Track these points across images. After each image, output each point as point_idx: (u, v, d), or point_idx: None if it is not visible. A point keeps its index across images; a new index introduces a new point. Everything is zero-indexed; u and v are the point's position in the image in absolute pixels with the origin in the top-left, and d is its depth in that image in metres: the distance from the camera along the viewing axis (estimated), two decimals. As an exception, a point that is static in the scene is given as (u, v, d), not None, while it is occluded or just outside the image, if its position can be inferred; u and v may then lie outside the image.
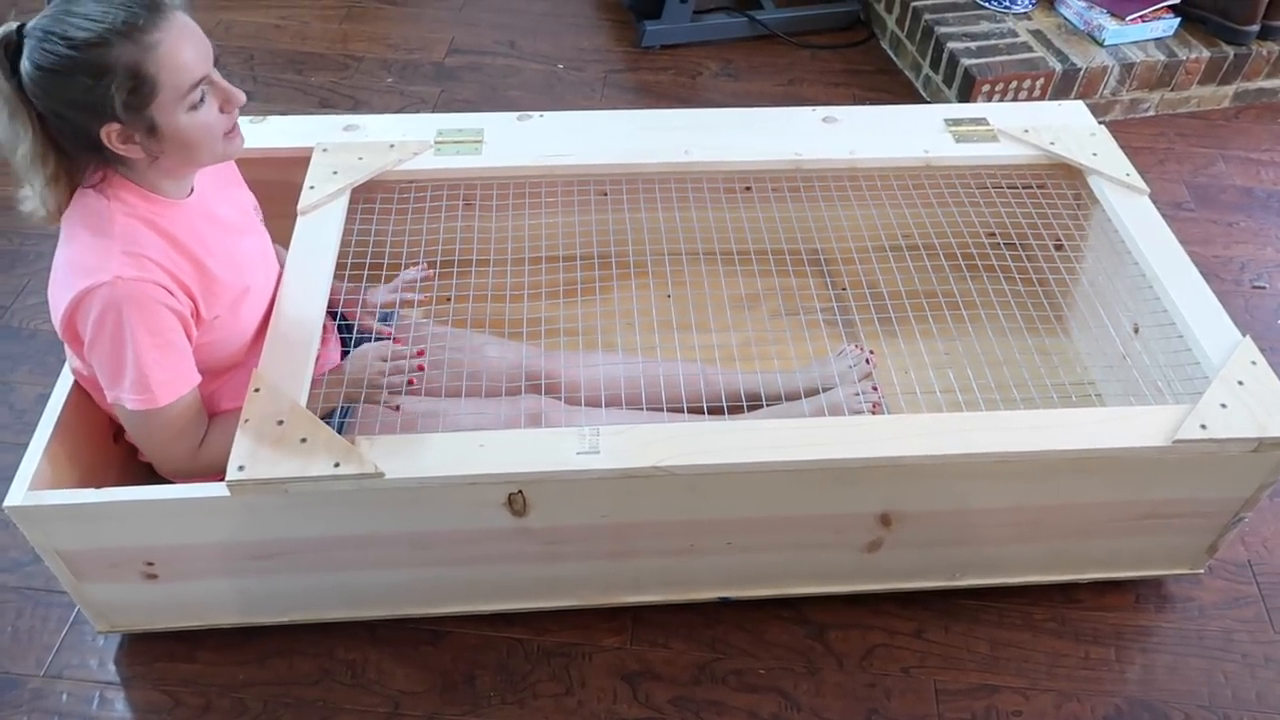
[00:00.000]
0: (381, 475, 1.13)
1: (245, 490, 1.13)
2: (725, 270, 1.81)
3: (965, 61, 2.37)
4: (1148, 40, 2.45)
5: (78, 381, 1.27)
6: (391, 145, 1.57)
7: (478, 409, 1.40)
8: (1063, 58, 2.38)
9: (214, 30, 2.55)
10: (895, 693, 1.38)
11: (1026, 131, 1.66)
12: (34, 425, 1.24)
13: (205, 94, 1.10)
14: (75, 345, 1.17)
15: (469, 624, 1.42)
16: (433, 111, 2.40)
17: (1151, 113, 2.52)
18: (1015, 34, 2.46)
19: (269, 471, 1.12)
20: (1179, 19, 2.47)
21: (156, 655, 1.37)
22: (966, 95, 2.37)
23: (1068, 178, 1.65)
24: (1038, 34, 2.46)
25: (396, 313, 1.53)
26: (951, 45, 2.42)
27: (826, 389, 1.57)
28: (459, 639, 1.41)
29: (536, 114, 1.68)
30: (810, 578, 1.42)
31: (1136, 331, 1.52)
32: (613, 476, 1.18)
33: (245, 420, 1.16)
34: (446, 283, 1.63)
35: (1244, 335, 1.33)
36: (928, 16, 2.51)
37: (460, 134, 1.61)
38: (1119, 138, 1.69)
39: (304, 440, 1.14)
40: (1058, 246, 1.67)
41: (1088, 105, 1.76)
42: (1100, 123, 1.70)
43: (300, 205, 1.45)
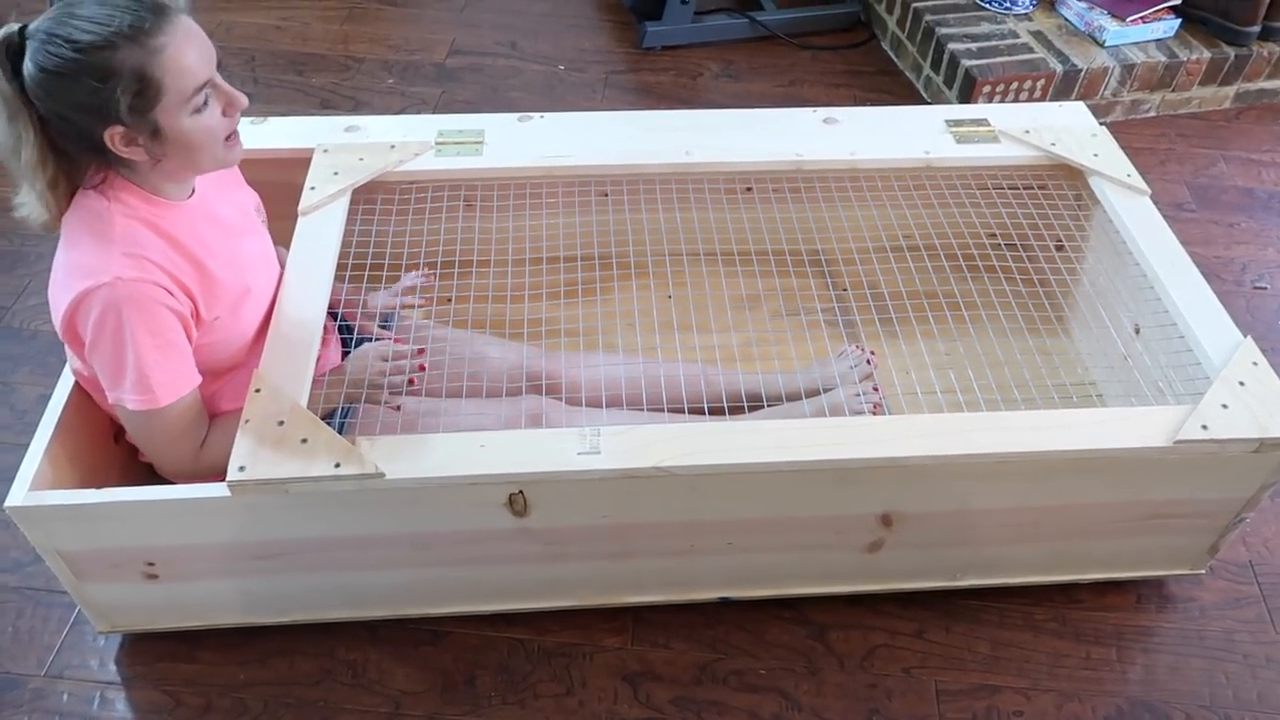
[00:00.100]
0: (382, 475, 1.13)
1: (246, 490, 1.13)
2: (726, 271, 1.81)
3: (966, 62, 2.37)
4: (1148, 41, 2.45)
5: (78, 382, 1.27)
6: (392, 146, 1.57)
7: (478, 409, 1.40)
8: (1063, 59, 2.38)
9: (215, 31, 2.55)
10: (896, 693, 1.38)
11: (1027, 132, 1.66)
12: (35, 426, 1.24)
13: (209, 97, 1.11)
14: (76, 346, 1.17)
15: (469, 624, 1.42)
16: (433, 112, 2.40)
17: (1152, 113, 2.52)
18: (1016, 35, 2.46)
19: (270, 472, 1.12)
20: (1180, 20, 2.47)
21: (157, 655, 1.37)
22: (967, 96, 2.37)
23: (1069, 178, 1.65)
24: (1038, 35, 2.46)
25: (397, 315, 1.53)
26: (952, 46, 2.42)
27: (827, 389, 1.57)
28: (460, 639, 1.41)
29: (537, 115, 1.68)
30: (811, 578, 1.42)
31: (1137, 332, 1.52)
32: (613, 477, 1.18)
33: (246, 421, 1.16)
34: (447, 283, 1.63)
35: (1245, 336, 1.33)
36: (928, 17, 2.51)
37: (461, 135, 1.61)
38: (1120, 139, 1.69)
39: (305, 441, 1.14)
40: (1059, 247, 1.67)
41: (1089, 106, 1.76)
42: (1101, 124, 1.70)
43: (301, 206, 1.45)
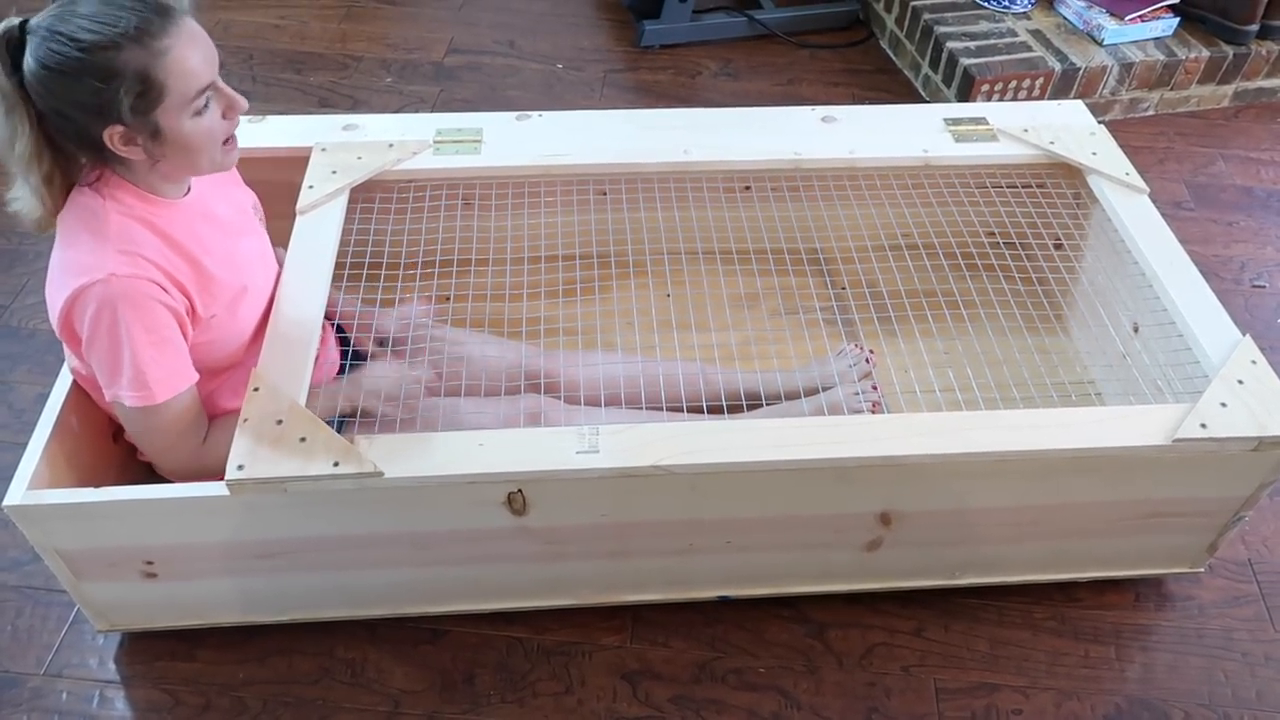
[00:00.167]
0: (381, 474, 1.13)
1: (244, 489, 1.13)
2: (725, 270, 1.81)
3: (965, 61, 2.37)
4: (1147, 40, 2.45)
5: (77, 381, 1.27)
6: (390, 145, 1.57)
7: (477, 408, 1.40)
8: (1062, 57, 2.38)
9: (213, 30, 2.54)
10: (895, 691, 1.38)
11: (1026, 131, 1.66)
12: (33, 425, 1.24)
13: (210, 100, 1.11)
14: (73, 345, 1.17)
15: (468, 623, 1.42)
16: (432, 111, 2.40)
17: (1151, 112, 2.52)
18: (1014, 34, 2.46)
19: (268, 471, 1.12)
20: (1178, 18, 2.47)
21: (156, 654, 1.37)
22: (966, 95, 2.37)
23: (1067, 177, 1.65)
24: (1037, 34, 2.46)
25: (396, 311, 1.53)
26: (951, 45, 2.42)
27: (826, 388, 1.57)
28: (458, 638, 1.41)
29: (536, 114, 1.68)
30: (810, 577, 1.42)
31: (1136, 331, 1.52)
32: (612, 476, 1.18)
33: (244, 420, 1.16)
34: (446, 282, 1.63)
35: (1244, 334, 1.33)
36: (927, 16, 2.51)
37: (459, 134, 1.61)
38: (1118, 137, 1.69)
39: (303, 439, 1.14)
40: (1057, 246, 1.67)
41: (1087, 105, 1.76)
42: (1100, 122, 1.70)
43: (299, 205, 1.45)
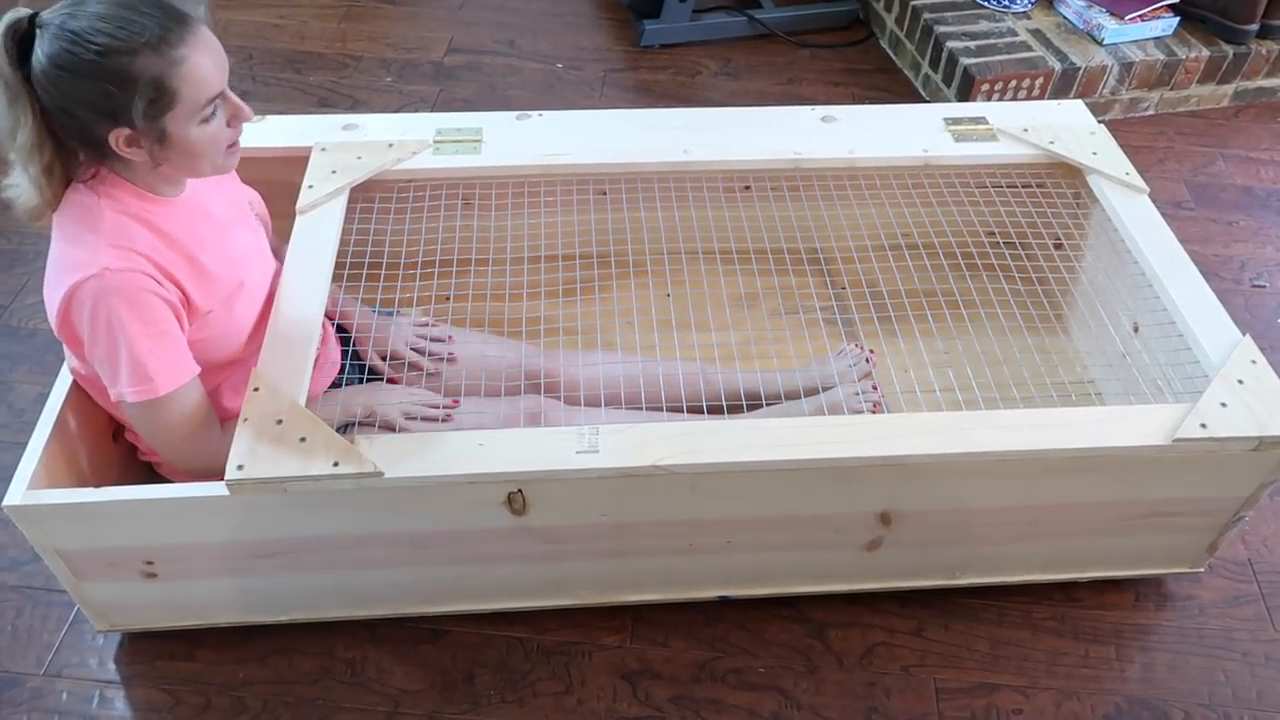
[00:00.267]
0: (381, 474, 1.13)
1: (244, 489, 1.13)
2: (725, 269, 1.81)
3: (964, 61, 2.37)
4: (1147, 39, 2.45)
5: (76, 381, 1.27)
6: (390, 144, 1.57)
7: (477, 408, 1.40)
8: (1062, 57, 2.38)
9: (213, 29, 2.54)
10: (895, 691, 1.38)
11: (1026, 130, 1.66)
12: (33, 424, 1.24)
13: (217, 108, 1.11)
14: (73, 344, 1.17)
15: (468, 623, 1.42)
16: (432, 111, 2.40)
17: (1151, 112, 2.52)
18: (1014, 33, 2.46)
19: (268, 470, 1.11)
20: (1178, 18, 2.47)
21: (156, 654, 1.37)
22: (966, 94, 2.37)
23: (1067, 177, 1.65)
24: (1037, 33, 2.46)
25: (396, 310, 1.53)
26: (951, 44, 2.42)
27: (826, 388, 1.57)
28: (458, 638, 1.41)
29: (535, 113, 1.67)
30: (810, 577, 1.42)
31: (1136, 330, 1.52)
32: (612, 476, 1.18)
33: (244, 419, 1.16)
34: (446, 282, 1.62)
35: (1244, 334, 1.33)
36: (927, 16, 2.51)
37: (459, 133, 1.61)
38: (1118, 137, 1.69)
39: (303, 439, 1.14)
40: (1057, 245, 1.67)
41: (1087, 104, 1.76)
42: (1100, 122, 1.70)
43: (299, 205, 1.45)
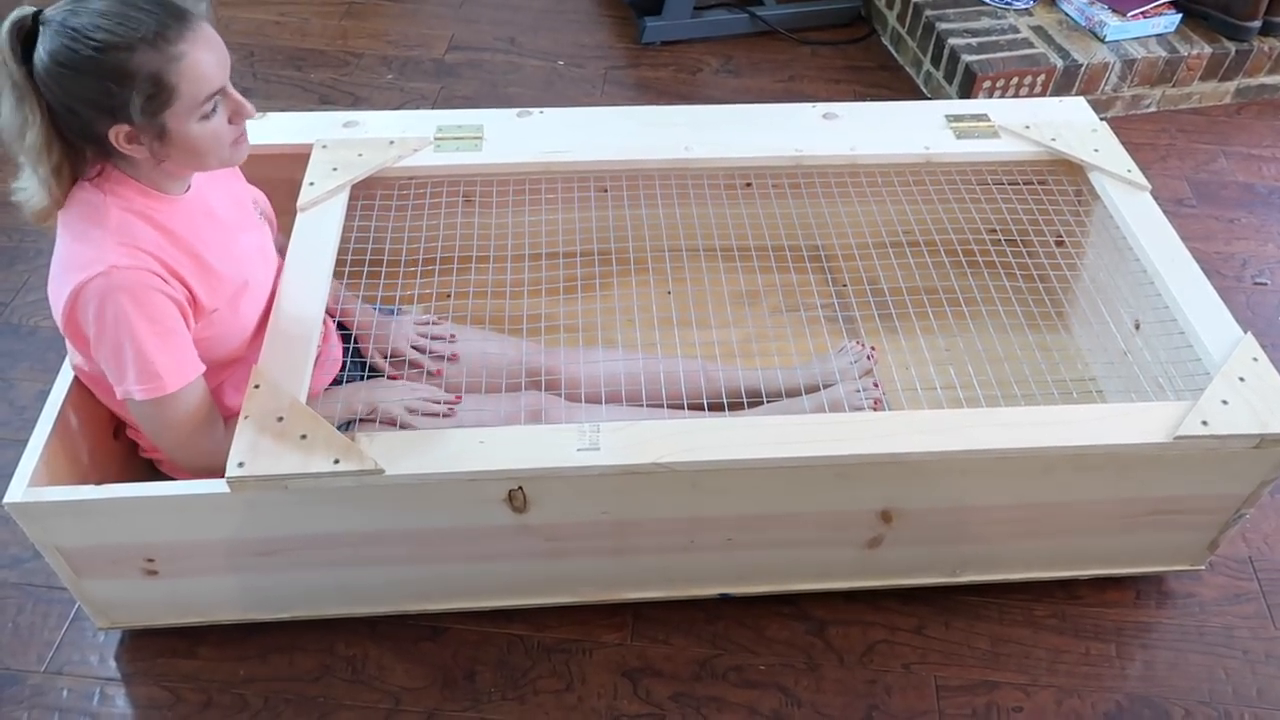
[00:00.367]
0: (381, 472, 1.13)
1: (245, 486, 1.13)
2: (726, 266, 1.81)
3: (966, 58, 2.36)
4: (1149, 36, 2.45)
5: (78, 378, 1.27)
6: (391, 142, 1.57)
7: (478, 405, 1.40)
8: (1064, 54, 2.38)
9: (215, 26, 2.54)
10: (896, 689, 1.38)
11: (1028, 128, 1.66)
12: (34, 422, 1.24)
13: (218, 104, 1.10)
14: (79, 343, 1.17)
15: (469, 620, 1.42)
16: (433, 108, 2.40)
17: (1153, 109, 2.52)
18: (1016, 30, 2.46)
19: (269, 468, 1.12)
20: (1180, 15, 2.46)
21: (157, 651, 1.37)
22: (967, 91, 2.36)
23: (1069, 174, 1.65)
24: (1039, 30, 2.46)
25: (398, 308, 1.53)
26: (952, 41, 2.42)
27: (827, 385, 1.57)
28: (459, 635, 1.41)
29: (536, 110, 1.67)
30: (811, 574, 1.42)
31: (1138, 328, 1.52)
32: (613, 473, 1.18)
33: (245, 416, 1.16)
34: (446, 279, 1.63)
35: (1245, 332, 1.33)
36: (929, 13, 2.51)
37: (460, 130, 1.61)
38: (1120, 134, 1.69)
39: (304, 437, 1.14)
40: (1059, 243, 1.67)
41: (1089, 101, 1.76)
42: (1102, 119, 1.70)
43: (300, 202, 1.45)
